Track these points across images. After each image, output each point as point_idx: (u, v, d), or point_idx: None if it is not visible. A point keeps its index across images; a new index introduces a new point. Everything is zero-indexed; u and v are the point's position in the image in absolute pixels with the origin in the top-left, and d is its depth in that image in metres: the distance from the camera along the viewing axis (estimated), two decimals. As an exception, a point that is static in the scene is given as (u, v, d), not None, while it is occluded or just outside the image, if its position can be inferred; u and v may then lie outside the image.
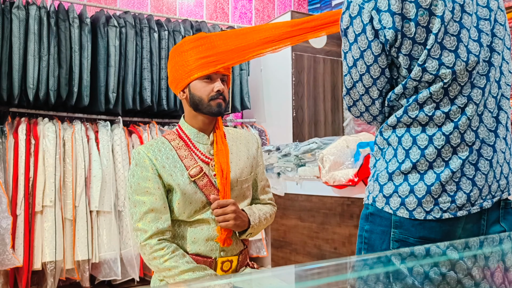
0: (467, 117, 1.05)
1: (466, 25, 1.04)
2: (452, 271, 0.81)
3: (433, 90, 1.04)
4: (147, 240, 1.42)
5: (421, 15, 1.00)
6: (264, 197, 1.68)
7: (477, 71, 1.05)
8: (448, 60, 1.03)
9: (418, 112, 1.06)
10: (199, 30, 3.91)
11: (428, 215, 1.05)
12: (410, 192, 1.06)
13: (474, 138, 1.06)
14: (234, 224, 1.44)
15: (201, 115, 1.52)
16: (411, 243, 1.07)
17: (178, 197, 1.46)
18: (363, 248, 1.14)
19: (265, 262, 3.96)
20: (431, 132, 1.05)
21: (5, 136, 3.13)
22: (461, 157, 1.05)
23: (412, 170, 1.06)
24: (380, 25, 1.02)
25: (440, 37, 1.01)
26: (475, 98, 1.05)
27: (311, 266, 0.81)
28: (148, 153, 1.48)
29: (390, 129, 1.11)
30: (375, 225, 1.12)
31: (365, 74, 1.09)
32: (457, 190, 1.05)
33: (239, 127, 4.21)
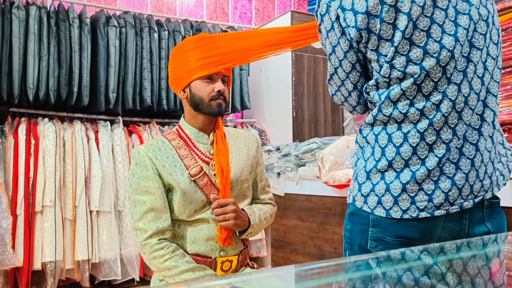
0: (442, 114, 1.03)
1: (438, 20, 1.02)
2: (428, 276, 0.81)
3: (404, 86, 1.02)
4: (147, 239, 1.42)
5: (386, 11, 0.99)
6: (264, 196, 1.68)
7: (454, 66, 1.03)
8: (416, 57, 1.01)
9: (392, 110, 1.05)
10: (199, 30, 3.91)
11: (405, 213, 1.04)
12: (386, 191, 1.05)
13: (451, 136, 1.04)
14: (234, 223, 1.44)
15: (201, 115, 1.52)
16: (389, 242, 1.06)
17: (178, 197, 1.46)
18: (347, 248, 1.14)
19: (265, 262, 3.96)
20: (406, 129, 1.04)
21: (5, 136, 3.13)
22: (437, 155, 1.03)
23: (388, 169, 1.05)
24: (345, 23, 1.04)
25: (409, 33, 1.00)
26: (450, 95, 1.03)
27: (311, 266, 0.81)
28: (148, 153, 1.48)
29: (368, 127, 1.11)
30: (355, 224, 1.12)
31: (338, 68, 1.12)
32: (435, 188, 1.03)
33: (239, 127, 4.21)
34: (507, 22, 2.55)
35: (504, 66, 2.56)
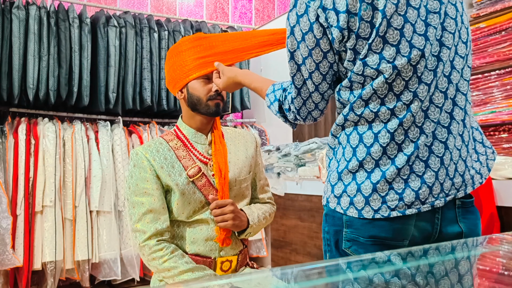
0: (411, 114, 1.03)
1: (411, 19, 1.01)
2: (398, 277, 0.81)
3: (375, 85, 1.02)
4: (146, 241, 1.42)
5: (364, 9, 0.98)
6: (263, 196, 1.68)
7: (424, 65, 1.03)
8: (389, 55, 1.00)
9: (364, 109, 1.04)
10: (199, 30, 3.91)
11: (376, 213, 1.03)
12: (358, 191, 1.04)
13: (419, 134, 1.04)
14: (232, 224, 1.44)
15: (199, 115, 1.52)
16: (362, 242, 1.06)
17: (176, 197, 1.46)
18: (327, 250, 1.14)
19: (265, 262, 3.96)
20: (377, 129, 1.04)
21: (5, 136, 3.13)
22: (406, 154, 1.03)
23: (359, 169, 1.05)
24: (327, 23, 1.01)
25: (383, 31, 0.99)
26: (421, 95, 1.03)
27: (311, 266, 0.81)
28: (146, 154, 1.48)
29: (339, 128, 1.10)
30: (330, 225, 1.11)
31: (314, 72, 1.08)
32: (405, 187, 1.03)
33: (239, 127, 4.21)
34: (507, 22, 2.55)
35: (504, 66, 2.56)
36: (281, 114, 1.25)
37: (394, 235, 1.05)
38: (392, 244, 1.05)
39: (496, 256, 0.93)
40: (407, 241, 1.06)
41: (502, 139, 2.58)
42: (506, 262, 0.88)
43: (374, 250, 1.05)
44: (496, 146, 2.61)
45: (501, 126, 2.59)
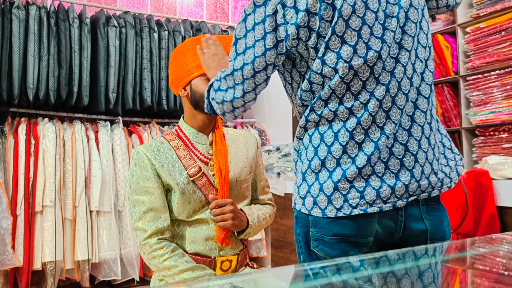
0: (369, 113, 1.05)
1: (369, 21, 1.04)
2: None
3: (333, 85, 1.04)
4: (146, 239, 1.43)
5: (324, 9, 1.01)
6: (263, 197, 1.69)
7: (382, 67, 1.05)
8: (346, 54, 1.03)
9: (324, 109, 1.06)
10: (199, 30, 3.91)
11: (339, 212, 1.05)
12: (320, 191, 1.06)
13: (379, 135, 1.05)
14: (232, 224, 1.44)
15: (200, 115, 1.52)
16: (327, 241, 1.07)
17: (177, 197, 1.46)
18: (301, 252, 1.15)
19: (265, 262, 3.96)
20: (337, 128, 1.06)
21: (5, 136, 3.13)
22: (366, 153, 1.05)
23: (321, 168, 1.07)
24: (284, 19, 1.03)
25: (340, 31, 1.02)
26: (378, 95, 1.05)
27: (311, 266, 0.81)
28: (147, 153, 1.48)
29: (303, 130, 1.12)
30: (299, 227, 1.13)
31: (248, 65, 1.07)
32: (366, 186, 1.05)
33: (239, 127, 4.21)
34: (507, 22, 2.55)
35: (504, 66, 2.56)
36: (206, 97, 1.22)
37: (357, 232, 1.06)
38: (356, 241, 1.07)
39: (496, 256, 0.93)
40: (372, 237, 1.08)
41: (502, 139, 2.58)
42: (506, 262, 0.88)
43: (339, 248, 1.07)
44: (496, 146, 2.61)
45: (501, 126, 2.58)
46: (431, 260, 0.92)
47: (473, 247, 1.02)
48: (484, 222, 2.12)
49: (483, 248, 1.01)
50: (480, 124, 2.68)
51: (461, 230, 2.15)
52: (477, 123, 2.69)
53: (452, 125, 2.87)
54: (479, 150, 2.68)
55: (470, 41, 2.74)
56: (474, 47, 2.72)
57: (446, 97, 2.91)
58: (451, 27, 2.84)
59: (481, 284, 0.74)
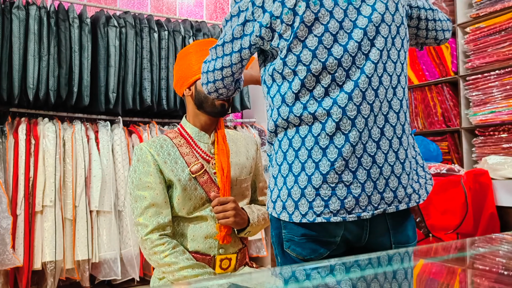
0: (332, 120, 1.06)
1: (332, 29, 1.08)
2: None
3: (293, 86, 1.09)
4: (148, 234, 1.44)
5: (285, 13, 1.07)
6: (262, 198, 1.70)
7: (345, 75, 1.07)
8: (306, 58, 1.07)
9: (289, 114, 1.10)
10: (199, 30, 3.92)
11: (303, 218, 1.08)
12: (289, 196, 1.09)
13: (344, 142, 1.06)
14: (234, 221, 1.45)
15: (203, 115, 1.54)
16: (297, 241, 1.11)
17: (178, 193, 1.48)
18: (277, 254, 1.18)
19: (265, 262, 3.96)
20: (303, 133, 1.09)
21: (5, 136, 3.13)
22: (330, 160, 1.06)
23: (289, 173, 1.09)
24: (252, 16, 1.12)
25: (302, 36, 1.07)
26: (340, 102, 1.06)
27: (311, 266, 0.81)
28: (150, 149, 1.50)
29: (273, 134, 1.15)
30: (273, 229, 1.17)
31: (226, 56, 1.18)
32: (331, 195, 1.06)
33: (239, 127, 4.22)
34: (506, 22, 2.55)
35: (504, 66, 2.56)
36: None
37: (323, 233, 1.10)
38: (323, 240, 1.10)
39: (496, 256, 0.93)
40: (339, 238, 1.11)
41: (502, 139, 2.58)
42: (506, 262, 0.88)
43: (309, 247, 1.10)
44: (496, 146, 2.61)
45: (501, 126, 2.59)
46: (402, 264, 0.92)
47: (473, 247, 1.03)
48: (484, 222, 2.13)
49: (483, 248, 1.01)
50: (479, 124, 2.68)
51: (461, 230, 2.15)
52: (476, 123, 2.70)
53: (452, 125, 2.87)
54: (479, 150, 2.68)
55: (469, 41, 2.74)
56: (474, 47, 2.72)
57: (445, 97, 2.91)
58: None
59: (481, 284, 0.75)
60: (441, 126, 2.92)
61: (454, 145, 2.87)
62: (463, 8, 2.82)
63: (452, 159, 2.86)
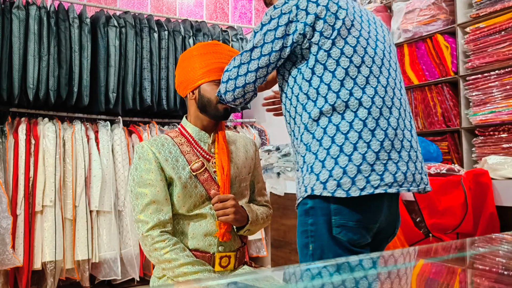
0: (376, 106, 1.24)
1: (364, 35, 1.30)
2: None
3: (338, 75, 1.24)
4: (148, 231, 1.45)
5: (329, 16, 1.26)
6: (260, 198, 1.73)
7: (379, 72, 1.27)
8: (348, 52, 1.25)
9: (336, 99, 1.23)
10: (199, 30, 3.92)
11: (362, 191, 1.19)
12: (344, 174, 1.19)
13: (387, 125, 1.24)
14: (233, 218, 1.47)
15: (205, 118, 1.57)
16: (351, 226, 1.21)
17: (178, 190, 1.49)
18: (310, 242, 1.25)
19: (265, 262, 3.96)
20: (350, 118, 1.22)
21: (5, 136, 3.13)
22: (379, 140, 1.22)
23: (340, 154, 1.21)
24: (296, 18, 1.26)
25: (344, 35, 1.26)
26: (379, 92, 1.25)
27: (311, 266, 0.81)
28: (152, 147, 1.52)
29: (314, 123, 1.26)
30: (317, 216, 1.24)
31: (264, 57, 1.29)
32: (384, 170, 1.21)
33: (239, 127, 4.22)
34: (506, 22, 2.56)
35: (504, 66, 2.57)
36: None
37: (370, 219, 1.23)
38: (369, 227, 1.24)
39: (496, 256, 0.93)
40: (378, 224, 1.26)
41: (502, 139, 2.58)
42: (506, 262, 0.88)
43: (359, 233, 1.22)
44: (495, 146, 2.61)
45: (501, 126, 2.59)
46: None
47: (473, 246, 1.03)
48: (484, 222, 2.13)
49: (483, 247, 1.01)
50: (479, 124, 2.68)
51: (461, 229, 2.15)
52: (476, 123, 2.70)
53: (452, 125, 2.87)
54: (479, 150, 2.68)
55: (469, 41, 2.74)
56: (474, 47, 2.72)
57: (445, 97, 2.91)
58: (451, 27, 2.85)
59: (481, 284, 0.75)
60: (441, 126, 2.93)
61: (454, 145, 2.87)
62: (463, 8, 2.81)
63: (452, 159, 2.86)
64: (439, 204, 2.13)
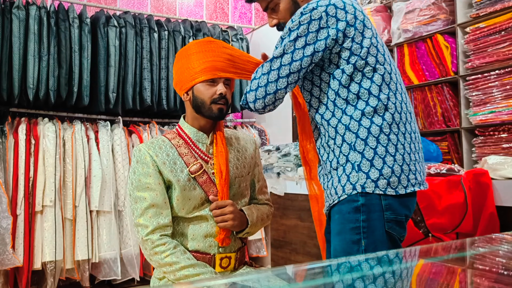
0: (403, 112, 1.35)
1: (384, 46, 1.41)
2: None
3: (376, 81, 1.31)
4: (148, 235, 1.44)
5: (358, 23, 1.32)
6: (261, 197, 1.71)
7: (396, 81, 1.36)
8: (381, 60, 1.34)
9: (378, 102, 1.31)
10: (199, 30, 3.92)
11: (406, 189, 1.30)
12: (392, 173, 1.29)
13: (410, 129, 1.36)
14: (232, 224, 1.46)
15: (202, 118, 1.55)
16: (399, 221, 1.30)
17: (177, 193, 1.48)
18: (363, 238, 1.29)
19: (265, 262, 3.96)
20: (389, 120, 1.31)
21: (5, 136, 3.13)
22: (408, 142, 1.34)
23: (386, 154, 1.29)
24: (326, 24, 1.30)
25: (374, 43, 1.34)
26: (404, 99, 1.37)
27: (311, 266, 0.81)
28: (149, 150, 1.50)
29: (356, 123, 1.31)
30: (370, 213, 1.29)
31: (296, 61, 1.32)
32: (415, 170, 1.34)
33: (239, 127, 4.22)
34: (506, 22, 2.55)
35: (504, 66, 2.57)
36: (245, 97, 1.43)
37: (411, 211, 1.35)
38: (407, 220, 1.35)
39: (496, 256, 0.93)
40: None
41: (501, 139, 2.58)
42: (506, 262, 0.88)
43: (404, 227, 1.32)
44: (495, 146, 2.61)
45: (501, 126, 2.59)
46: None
47: (472, 246, 1.03)
48: (484, 222, 2.13)
49: (483, 247, 1.01)
50: (479, 124, 2.68)
51: (461, 229, 2.15)
52: (476, 123, 2.69)
53: (452, 125, 2.87)
54: (479, 150, 2.68)
55: (469, 41, 2.74)
56: (474, 47, 2.72)
57: (445, 97, 2.91)
58: (451, 27, 2.85)
59: (481, 284, 0.75)
60: (441, 126, 2.93)
61: (454, 145, 2.87)
62: (463, 8, 2.81)
63: (452, 159, 2.86)
64: (439, 204, 2.13)
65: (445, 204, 2.13)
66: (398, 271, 0.82)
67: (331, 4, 1.32)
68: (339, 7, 1.31)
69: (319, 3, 1.32)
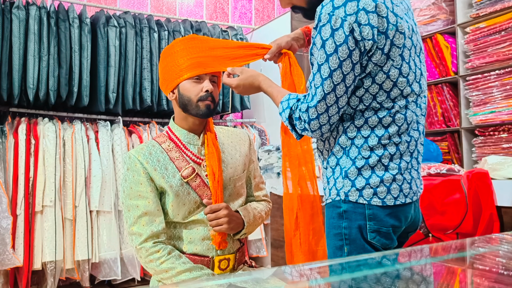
0: (413, 121, 1.27)
1: (407, 50, 1.27)
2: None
3: (392, 95, 1.21)
4: (142, 243, 1.42)
5: (390, 29, 1.17)
6: (258, 193, 1.68)
7: (417, 93, 1.27)
8: (405, 71, 1.22)
9: (386, 113, 1.22)
10: (199, 30, 3.92)
11: (396, 200, 1.23)
12: (381, 183, 1.22)
13: (414, 139, 1.27)
14: (227, 227, 1.45)
15: (191, 117, 1.51)
16: (384, 232, 1.23)
17: (171, 199, 1.46)
18: (345, 244, 1.26)
19: (265, 262, 3.96)
20: (392, 130, 1.23)
21: (5, 136, 3.13)
22: (409, 151, 1.27)
23: (378, 163, 1.22)
24: (361, 36, 1.14)
25: (407, 53, 1.22)
26: (413, 107, 1.26)
27: (311, 266, 0.81)
28: (139, 157, 1.47)
29: (355, 130, 1.24)
30: (351, 221, 1.24)
31: (340, 84, 1.18)
32: (411, 179, 1.27)
33: (239, 127, 4.22)
34: (506, 22, 2.55)
35: (504, 66, 2.57)
36: (290, 122, 1.32)
37: (402, 221, 1.26)
38: (397, 230, 1.27)
39: (496, 256, 0.93)
40: (402, 229, 1.29)
41: (502, 139, 2.58)
42: (506, 262, 0.88)
43: (392, 238, 1.24)
44: (495, 146, 2.61)
45: (501, 126, 2.59)
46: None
47: (472, 247, 1.03)
48: (484, 222, 2.12)
49: (483, 248, 1.01)
50: (479, 124, 2.68)
51: (461, 229, 2.15)
52: (476, 123, 2.70)
53: (452, 125, 2.87)
54: (479, 150, 2.68)
55: (469, 41, 2.74)
56: (474, 47, 2.72)
57: (446, 97, 2.91)
58: (451, 27, 2.85)
59: (481, 284, 0.75)
60: (441, 126, 2.93)
61: (454, 145, 2.87)
62: (463, 8, 2.82)
63: (452, 159, 2.86)
64: (439, 204, 2.13)
65: (445, 204, 2.13)
66: (398, 271, 0.82)
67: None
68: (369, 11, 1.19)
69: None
